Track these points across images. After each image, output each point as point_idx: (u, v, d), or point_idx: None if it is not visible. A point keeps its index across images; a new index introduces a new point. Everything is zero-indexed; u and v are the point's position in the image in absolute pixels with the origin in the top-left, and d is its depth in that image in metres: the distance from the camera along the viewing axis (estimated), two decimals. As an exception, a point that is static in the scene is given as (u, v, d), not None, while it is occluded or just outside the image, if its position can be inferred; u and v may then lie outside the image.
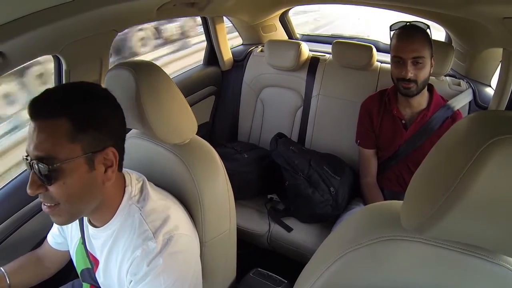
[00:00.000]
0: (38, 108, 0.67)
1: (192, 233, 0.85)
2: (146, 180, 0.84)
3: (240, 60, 2.10)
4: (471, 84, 1.61)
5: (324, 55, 1.93)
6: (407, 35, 1.35)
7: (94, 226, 0.81)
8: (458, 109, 1.49)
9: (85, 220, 0.85)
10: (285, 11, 2.24)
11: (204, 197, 0.90)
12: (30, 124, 0.67)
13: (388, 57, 1.46)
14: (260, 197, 1.69)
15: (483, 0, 1.07)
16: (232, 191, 0.99)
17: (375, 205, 0.67)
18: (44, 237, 1.01)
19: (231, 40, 2.15)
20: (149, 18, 1.45)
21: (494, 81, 1.62)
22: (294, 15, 2.36)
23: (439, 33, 1.90)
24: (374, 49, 1.74)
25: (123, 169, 0.80)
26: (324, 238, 0.72)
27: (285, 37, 2.32)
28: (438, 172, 0.49)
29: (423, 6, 1.49)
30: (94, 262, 0.86)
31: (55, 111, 0.66)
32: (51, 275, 1.02)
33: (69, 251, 0.94)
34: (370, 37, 2.32)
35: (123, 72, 0.83)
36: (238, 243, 1.06)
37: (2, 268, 0.92)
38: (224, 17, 2.02)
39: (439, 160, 0.50)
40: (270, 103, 2.00)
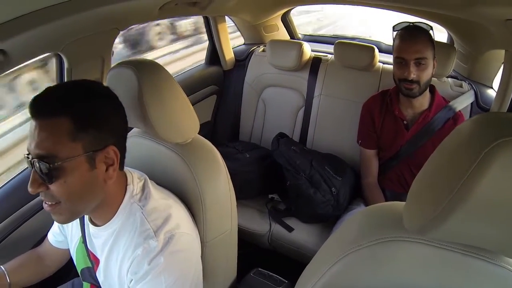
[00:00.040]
0: (39, 107, 0.66)
1: (194, 232, 0.84)
2: (148, 179, 0.84)
3: (242, 60, 2.10)
4: (473, 86, 1.61)
5: (326, 56, 1.93)
6: (410, 36, 1.35)
7: (95, 225, 0.81)
8: (460, 110, 1.48)
9: (86, 219, 0.84)
10: (287, 11, 2.24)
11: (206, 197, 0.90)
12: (32, 123, 0.67)
13: (390, 58, 1.46)
14: (261, 197, 1.69)
15: (486, 2, 1.06)
16: (234, 191, 0.99)
17: (377, 206, 0.67)
18: (45, 235, 1.01)
19: (232, 40, 2.15)
20: (151, 17, 1.45)
21: (496, 83, 1.61)
22: (298, 15, 2.35)
23: (441, 34, 1.89)
24: (376, 50, 1.74)
25: (125, 168, 0.80)
26: (325, 238, 0.72)
27: (287, 37, 2.32)
28: (441, 174, 0.49)
29: (426, 7, 1.49)
30: (95, 261, 0.85)
31: (56, 110, 0.66)
32: (52, 274, 1.01)
33: (69, 250, 0.94)
34: (372, 38, 2.32)
35: (125, 71, 0.82)
36: (239, 243, 1.05)
37: (2, 267, 0.92)
38: (226, 17, 2.02)
39: (442, 162, 0.50)
40: (272, 103, 1.99)
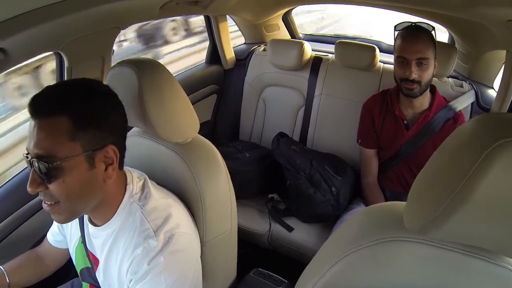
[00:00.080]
0: (38, 106, 0.66)
1: (193, 232, 0.84)
2: (148, 179, 0.83)
3: (243, 59, 2.09)
4: (474, 86, 1.61)
5: (327, 55, 1.92)
6: (412, 36, 1.35)
7: (95, 225, 0.81)
8: (460, 110, 1.48)
9: (85, 219, 0.84)
10: (288, 11, 2.23)
11: (206, 196, 0.89)
12: (31, 122, 0.66)
13: (391, 58, 1.45)
14: (261, 197, 1.68)
15: (488, 3, 1.06)
16: (234, 190, 0.98)
17: (377, 206, 0.67)
18: (44, 235, 1.01)
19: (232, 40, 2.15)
20: (152, 16, 1.44)
21: (497, 83, 1.61)
22: (301, 14, 2.35)
23: (442, 35, 1.89)
24: (377, 50, 1.74)
25: (125, 167, 0.80)
26: (325, 238, 0.72)
27: (288, 37, 2.31)
28: (442, 174, 0.49)
29: (427, 7, 1.48)
30: (94, 262, 0.85)
31: (55, 109, 0.65)
32: (51, 273, 1.01)
33: (69, 250, 0.93)
34: (373, 38, 2.32)
35: (126, 70, 0.82)
36: (239, 243, 1.05)
37: (2, 267, 0.91)
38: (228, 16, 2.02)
39: (443, 162, 0.50)
40: (272, 102, 1.99)
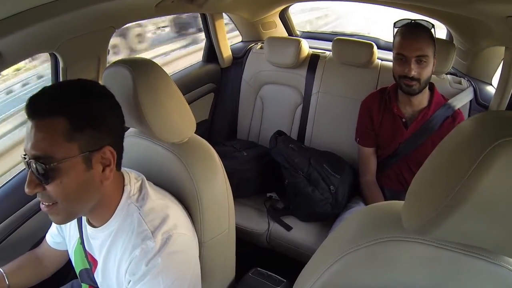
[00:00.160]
0: (35, 107, 0.66)
1: (191, 233, 0.84)
2: (145, 179, 0.83)
3: (240, 57, 2.08)
4: (472, 83, 1.61)
5: (324, 53, 1.92)
6: (412, 33, 1.34)
7: (93, 226, 0.81)
8: (459, 108, 1.48)
9: (84, 220, 0.84)
10: (285, 8, 2.23)
11: (203, 196, 0.89)
12: (28, 123, 0.66)
13: (389, 55, 1.45)
14: (259, 196, 1.68)
15: None
16: (231, 190, 0.98)
17: (376, 206, 0.66)
18: (43, 237, 1.01)
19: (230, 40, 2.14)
20: (148, 15, 1.43)
21: (495, 80, 1.61)
22: (303, 12, 2.34)
23: (441, 31, 1.88)
24: (375, 47, 1.73)
25: (122, 168, 0.80)
26: (324, 237, 0.72)
27: (285, 34, 2.31)
28: (441, 173, 0.48)
29: (426, 4, 1.48)
30: (93, 263, 0.85)
31: (52, 110, 0.65)
32: (50, 275, 1.01)
33: (68, 251, 0.93)
34: (371, 35, 2.31)
35: (121, 70, 0.82)
36: (237, 242, 1.05)
37: (1, 269, 0.92)
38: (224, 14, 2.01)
39: (442, 161, 0.50)
40: (270, 101, 1.98)
